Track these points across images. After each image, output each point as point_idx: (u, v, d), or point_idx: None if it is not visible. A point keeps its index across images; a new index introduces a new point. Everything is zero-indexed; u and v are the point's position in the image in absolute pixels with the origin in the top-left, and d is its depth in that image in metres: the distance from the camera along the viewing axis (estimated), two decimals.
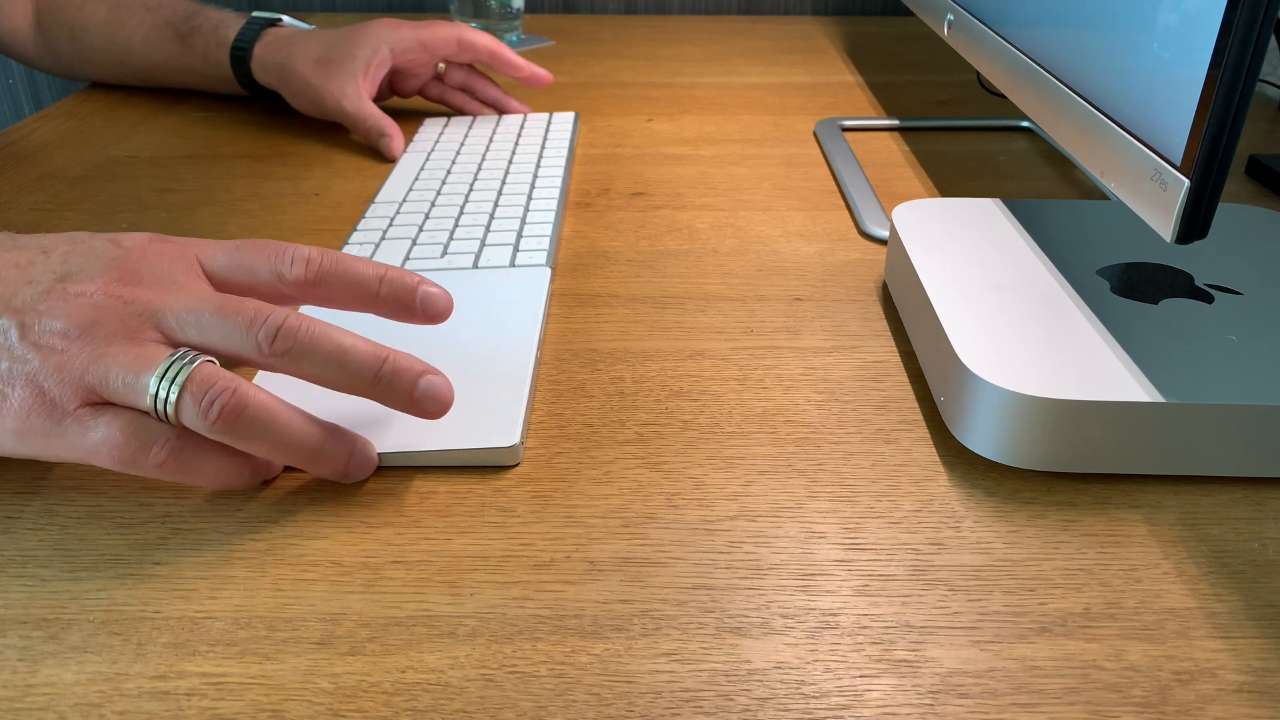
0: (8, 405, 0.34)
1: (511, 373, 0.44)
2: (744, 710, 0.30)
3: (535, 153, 0.71)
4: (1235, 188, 0.69)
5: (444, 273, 0.54)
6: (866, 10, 1.22)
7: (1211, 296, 0.44)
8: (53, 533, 0.37)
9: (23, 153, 0.73)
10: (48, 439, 0.34)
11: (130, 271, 0.36)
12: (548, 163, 0.69)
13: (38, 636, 0.32)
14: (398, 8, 1.20)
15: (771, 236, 0.61)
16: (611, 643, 0.32)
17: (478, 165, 0.69)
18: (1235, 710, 0.30)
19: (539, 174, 0.67)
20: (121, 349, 0.34)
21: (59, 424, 0.34)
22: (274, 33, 0.76)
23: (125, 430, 0.34)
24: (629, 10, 1.21)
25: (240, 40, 0.76)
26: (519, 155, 0.70)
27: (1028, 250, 0.48)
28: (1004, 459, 0.39)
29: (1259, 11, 0.32)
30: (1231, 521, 0.38)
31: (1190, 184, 0.35)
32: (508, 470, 0.40)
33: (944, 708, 0.30)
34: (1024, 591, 0.34)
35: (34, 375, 0.34)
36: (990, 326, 0.42)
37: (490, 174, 0.67)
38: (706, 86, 0.91)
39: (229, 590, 0.34)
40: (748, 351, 0.49)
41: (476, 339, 0.47)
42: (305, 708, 0.30)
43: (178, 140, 0.76)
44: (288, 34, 0.76)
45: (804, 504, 0.38)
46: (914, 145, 0.77)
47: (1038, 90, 0.49)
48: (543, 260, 0.55)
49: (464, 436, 0.40)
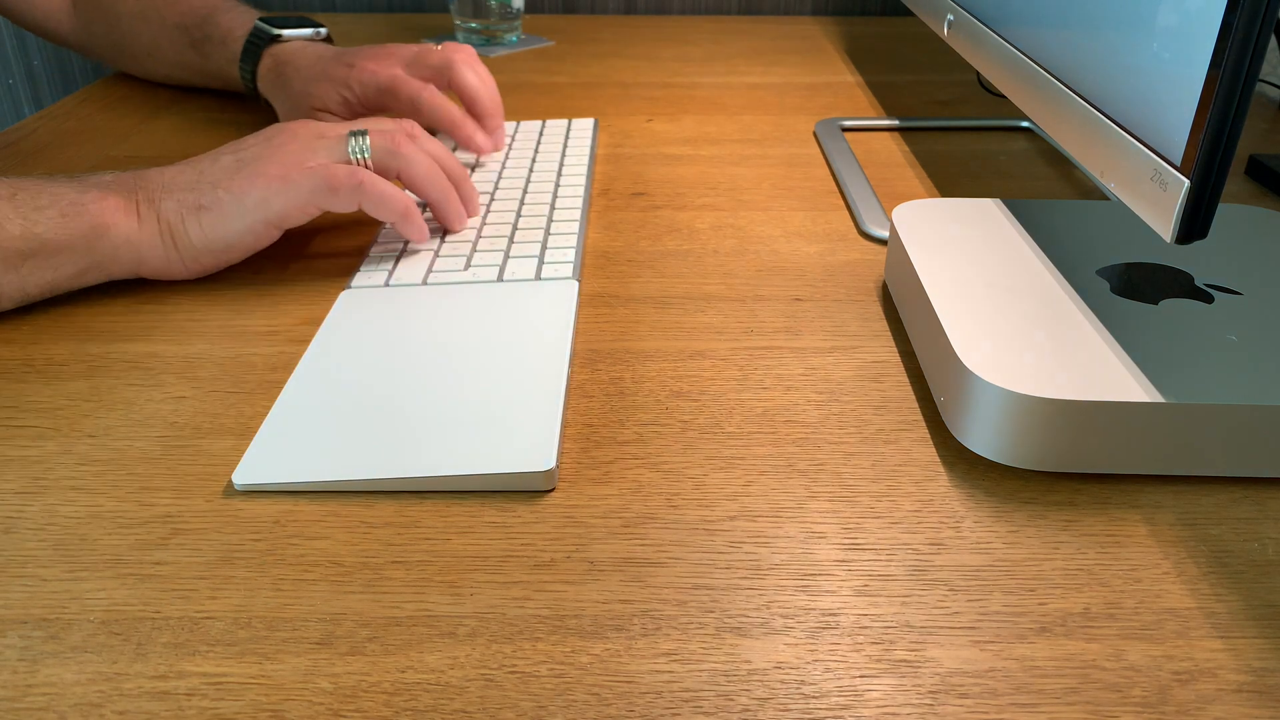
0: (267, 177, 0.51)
1: (542, 394, 0.43)
2: (744, 710, 0.30)
3: (556, 161, 0.70)
4: (1235, 188, 0.69)
5: (468, 286, 0.53)
6: (866, 10, 1.22)
7: (1211, 296, 0.44)
8: (53, 533, 0.37)
9: (23, 153, 0.73)
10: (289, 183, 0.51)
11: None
12: (569, 171, 0.68)
13: (38, 636, 0.32)
14: (397, 7, 1.20)
15: (771, 236, 0.61)
16: (611, 643, 0.32)
17: (498, 175, 0.68)
18: (1235, 710, 0.30)
19: (560, 183, 0.66)
20: (316, 139, 0.53)
21: (295, 174, 0.51)
22: (271, 57, 0.74)
23: (341, 159, 0.53)
24: (629, 10, 1.21)
25: (245, 63, 0.75)
26: (539, 164, 0.69)
27: (1028, 250, 0.48)
28: (1004, 459, 0.39)
29: (1259, 11, 0.32)
30: (1231, 521, 0.38)
31: (1190, 184, 0.35)
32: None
33: (944, 708, 0.30)
34: (1024, 591, 0.34)
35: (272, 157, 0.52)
36: (990, 326, 0.42)
37: (511, 183, 0.66)
38: (706, 86, 0.91)
39: (229, 590, 0.34)
40: (748, 351, 0.49)
41: (505, 358, 0.46)
42: (305, 708, 0.30)
43: (178, 140, 0.76)
44: (284, 61, 0.74)
45: (804, 504, 0.38)
46: (914, 145, 0.77)
47: (1038, 90, 0.49)
48: (569, 273, 0.54)
49: (495, 460, 0.39)
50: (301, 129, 0.54)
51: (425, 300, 0.51)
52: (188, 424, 0.43)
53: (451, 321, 0.49)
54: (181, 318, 0.51)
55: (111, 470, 0.40)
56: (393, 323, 0.49)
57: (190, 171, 0.53)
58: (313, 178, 0.52)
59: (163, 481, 0.39)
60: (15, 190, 0.49)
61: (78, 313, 0.52)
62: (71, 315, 0.51)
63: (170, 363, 0.47)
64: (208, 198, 0.51)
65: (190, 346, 0.49)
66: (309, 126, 0.55)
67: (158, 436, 0.42)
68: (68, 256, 0.50)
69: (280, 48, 0.74)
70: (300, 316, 0.51)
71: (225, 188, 0.51)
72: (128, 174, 0.53)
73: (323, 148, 0.53)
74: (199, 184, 0.52)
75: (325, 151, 0.53)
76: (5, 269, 0.49)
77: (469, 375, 0.44)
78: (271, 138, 0.54)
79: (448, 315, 0.50)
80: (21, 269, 0.49)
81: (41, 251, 0.49)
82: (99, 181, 0.52)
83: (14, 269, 0.49)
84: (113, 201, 0.51)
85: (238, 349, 0.48)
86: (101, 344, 0.49)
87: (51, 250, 0.49)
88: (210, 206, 0.51)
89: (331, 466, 0.39)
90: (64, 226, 0.49)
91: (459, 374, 0.44)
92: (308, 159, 0.52)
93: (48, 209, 0.49)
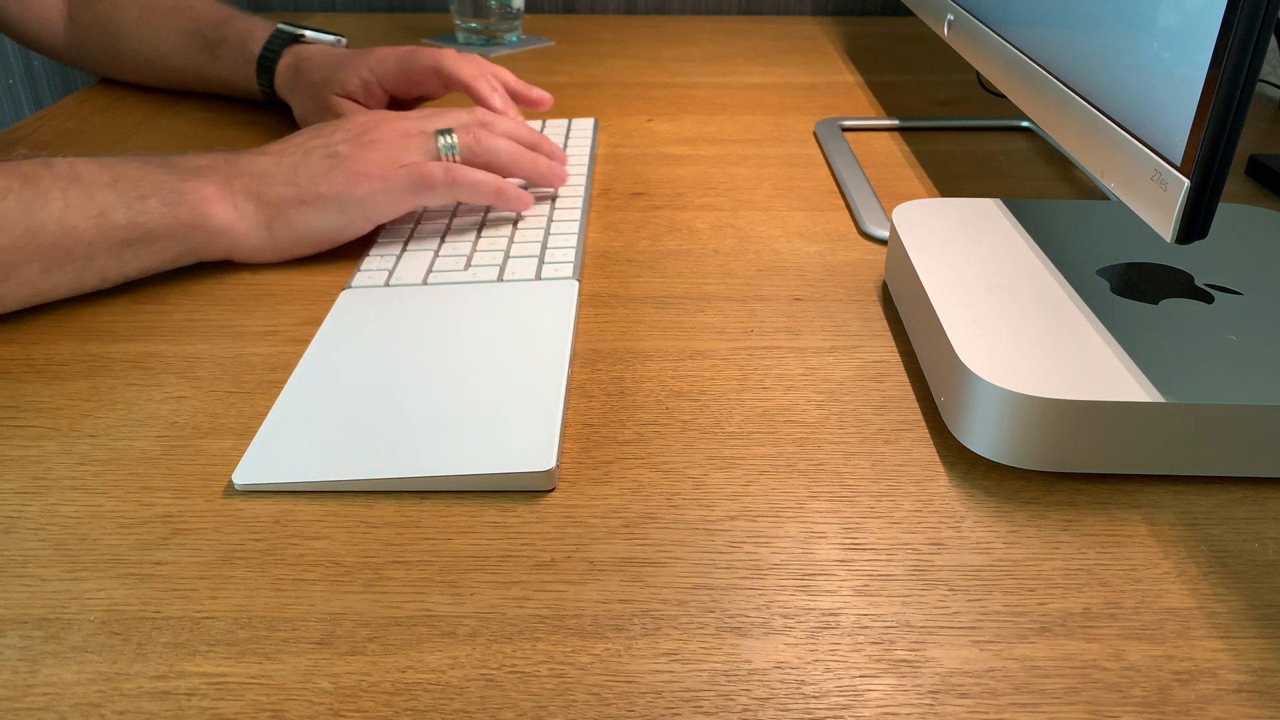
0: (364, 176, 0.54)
1: (542, 394, 0.43)
2: (744, 710, 0.30)
3: None
4: (1235, 188, 0.69)
5: (469, 286, 0.53)
6: (866, 10, 1.22)
7: (1211, 296, 0.44)
8: (53, 533, 0.37)
9: None
10: (387, 184, 0.55)
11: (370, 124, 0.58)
12: (570, 170, 0.68)
13: (38, 636, 0.32)
14: (398, 7, 1.20)
15: (771, 236, 0.61)
16: (611, 643, 0.32)
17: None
18: (1235, 710, 0.30)
19: None
20: (405, 137, 0.56)
21: (393, 174, 0.55)
22: (292, 55, 0.75)
23: (431, 157, 0.56)
24: (629, 10, 1.21)
25: (264, 62, 0.75)
26: None
27: (1028, 250, 0.48)
28: (1004, 459, 0.39)
29: (1259, 11, 0.32)
30: (1231, 521, 0.38)
31: (1190, 184, 0.35)
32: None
33: (944, 708, 0.30)
34: (1024, 591, 0.34)
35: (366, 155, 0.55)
36: (990, 326, 0.42)
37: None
38: (706, 86, 0.91)
39: (229, 590, 0.34)
40: (748, 351, 0.49)
41: (505, 359, 0.46)
42: (305, 708, 0.30)
43: (178, 140, 0.76)
44: (304, 57, 0.74)
45: (804, 504, 0.38)
46: (914, 145, 0.77)
47: (1038, 90, 0.49)
48: (569, 273, 0.54)
49: (495, 460, 0.39)
50: (386, 125, 0.57)
51: (425, 300, 0.51)
52: (188, 424, 0.43)
53: (451, 321, 0.49)
54: (181, 318, 0.51)
55: (111, 470, 0.40)
56: (393, 323, 0.49)
57: (284, 164, 0.55)
58: (410, 177, 0.55)
59: (163, 481, 0.39)
60: (116, 177, 0.51)
61: (78, 313, 0.52)
62: (71, 315, 0.51)
63: (170, 363, 0.47)
64: (309, 194, 0.54)
65: (190, 346, 0.49)
66: (392, 124, 0.57)
67: (158, 436, 0.42)
68: (168, 243, 0.53)
69: (301, 47, 0.76)
70: (300, 316, 0.51)
71: (326, 185, 0.54)
72: (219, 158, 0.55)
73: (414, 146, 0.56)
74: (296, 178, 0.54)
75: (417, 150, 0.56)
76: (110, 256, 0.51)
77: (469, 375, 0.44)
78: (360, 135, 0.56)
79: (448, 315, 0.50)
80: (124, 254, 0.51)
81: (145, 239, 0.51)
82: (194, 167, 0.54)
83: (117, 255, 0.51)
84: (211, 190, 0.53)
85: (238, 349, 0.48)
86: (101, 344, 0.49)
87: (155, 238, 0.52)
88: (312, 203, 0.54)
89: (331, 466, 0.39)
90: (167, 215, 0.52)
91: (459, 374, 0.44)
92: (401, 158, 0.55)
93: (150, 198, 0.51)
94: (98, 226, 0.49)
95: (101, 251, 0.50)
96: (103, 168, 0.51)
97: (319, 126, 0.58)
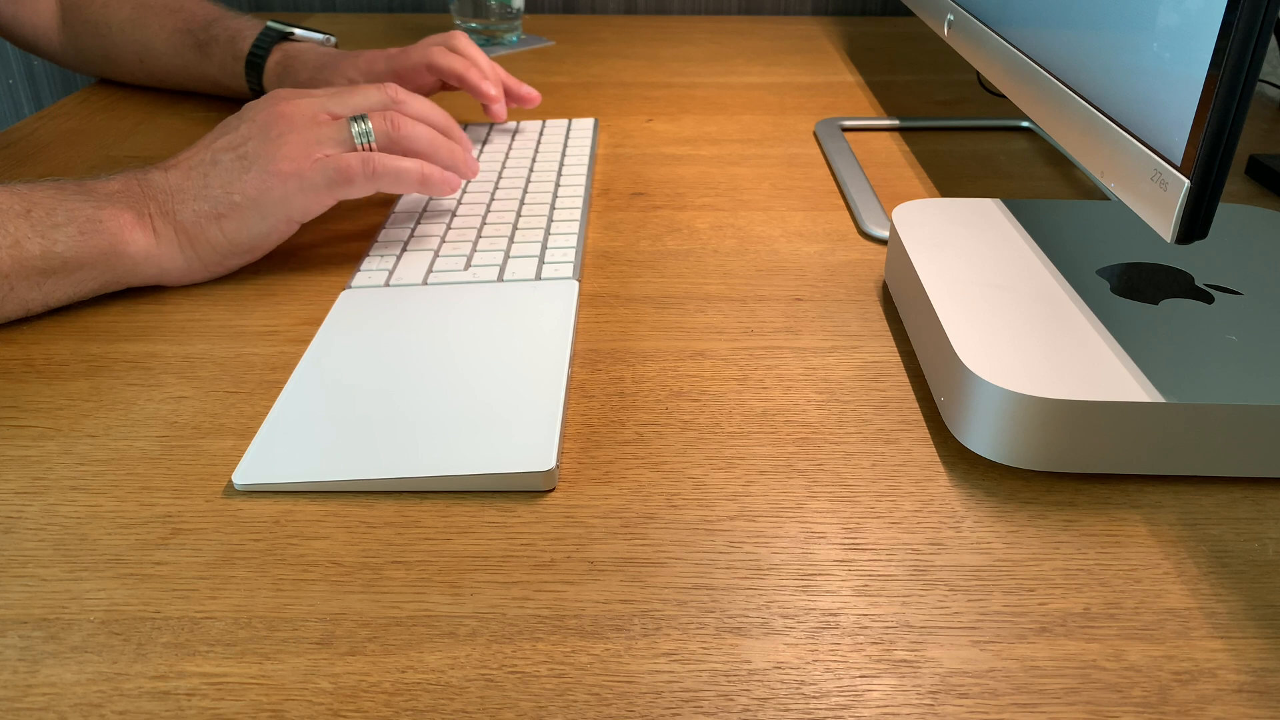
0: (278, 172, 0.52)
1: (542, 394, 0.43)
2: (744, 710, 0.30)
3: (556, 161, 0.70)
4: (1235, 188, 0.69)
5: (469, 286, 0.53)
6: (866, 10, 1.22)
7: (1211, 296, 0.44)
8: (53, 533, 0.37)
9: (23, 153, 0.73)
10: (303, 179, 0.52)
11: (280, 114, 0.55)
12: (569, 171, 0.68)
13: (38, 636, 0.32)
14: (398, 7, 1.20)
15: (771, 236, 0.61)
16: (611, 643, 0.32)
17: (498, 174, 0.68)
18: (1235, 710, 0.30)
19: (560, 183, 0.66)
20: (315, 127, 0.53)
21: (308, 169, 0.52)
22: (281, 53, 0.75)
23: (346, 146, 0.54)
24: (629, 10, 1.21)
25: (253, 59, 0.75)
26: (539, 164, 0.69)
27: (1028, 250, 0.48)
28: (1004, 459, 0.39)
29: (1259, 11, 0.32)
30: (1231, 521, 0.38)
31: (1190, 184, 0.35)
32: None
33: (944, 708, 0.30)
34: (1024, 591, 0.34)
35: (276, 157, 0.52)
36: (990, 326, 0.42)
37: (511, 183, 0.66)
38: (706, 86, 0.91)
39: (229, 590, 0.34)
40: (748, 351, 0.49)
41: (505, 359, 0.46)
42: (305, 708, 0.30)
43: (178, 140, 0.76)
44: (292, 55, 0.75)
45: (804, 504, 0.38)
46: (914, 145, 0.77)
47: (1038, 90, 0.49)
48: (569, 273, 0.54)
49: (495, 460, 0.39)
50: (293, 113, 0.53)
51: (425, 300, 0.51)
52: (188, 424, 0.43)
53: (452, 321, 0.49)
54: (181, 318, 0.51)
55: (111, 470, 0.40)
56: (393, 323, 0.49)
57: (195, 175, 0.52)
58: (326, 170, 0.52)
59: (163, 481, 0.39)
60: (30, 205, 0.48)
61: (78, 313, 0.52)
62: (71, 315, 0.51)
63: (170, 363, 0.47)
64: (224, 205, 0.51)
65: (190, 346, 0.49)
66: (299, 109, 0.54)
67: (158, 436, 0.42)
68: (89, 272, 0.50)
69: (290, 46, 0.76)
70: (300, 316, 0.51)
71: (240, 192, 0.51)
72: (132, 179, 0.52)
73: (326, 137, 0.53)
74: (208, 191, 0.51)
75: (330, 141, 0.53)
76: (29, 287, 0.49)
77: (469, 375, 0.44)
78: (267, 128, 0.53)
79: (448, 315, 0.50)
80: (44, 285, 0.49)
81: (63, 269, 0.49)
82: (109, 192, 0.51)
83: (37, 286, 0.49)
84: (127, 217, 0.50)
85: (238, 349, 0.48)
86: (101, 344, 0.49)
87: (73, 268, 0.49)
88: (228, 214, 0.52)
89: (331, 466, 0.39)
90: (83, 245, 0.49)
91: (459, 374, 0.44)
92: (314, 150, 0.52)
93: (65, 226, 0.49)
94: (12, 257, 0.47)
95: (20, 282, 0.48)
96: (15, 196, 0.48)
97: (226, 123, 0.54)
